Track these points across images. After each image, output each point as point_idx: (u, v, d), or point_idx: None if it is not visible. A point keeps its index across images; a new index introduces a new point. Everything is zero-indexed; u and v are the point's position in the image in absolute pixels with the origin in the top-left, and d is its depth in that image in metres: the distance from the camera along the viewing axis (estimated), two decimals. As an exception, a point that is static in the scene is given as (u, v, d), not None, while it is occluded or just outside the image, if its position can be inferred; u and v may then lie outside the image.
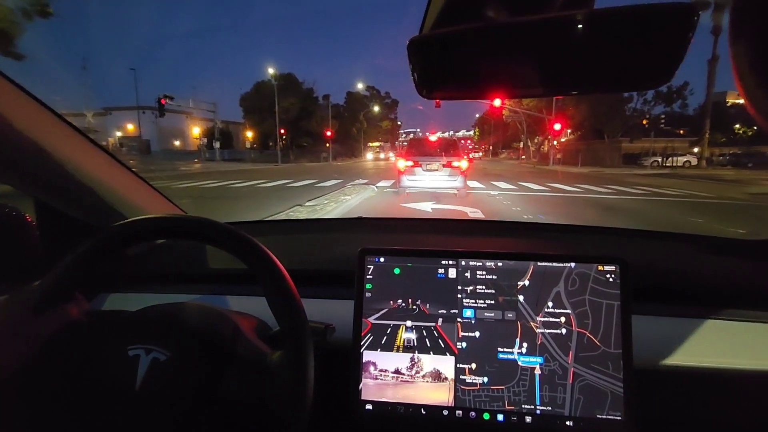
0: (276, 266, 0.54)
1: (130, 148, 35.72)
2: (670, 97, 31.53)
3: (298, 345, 0.52)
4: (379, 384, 0.68)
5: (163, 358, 0.52)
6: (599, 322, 0.64)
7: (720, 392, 0.70)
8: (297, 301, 0.54)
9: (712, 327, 0.72)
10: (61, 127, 0.66)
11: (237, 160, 33.64)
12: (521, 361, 0.66)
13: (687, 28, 0.36)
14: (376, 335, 0.69)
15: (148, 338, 0.54)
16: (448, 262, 0.70)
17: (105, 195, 0.75)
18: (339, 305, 0.77)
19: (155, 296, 0.85)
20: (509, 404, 0.65)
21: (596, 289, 0.65)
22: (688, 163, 25.74)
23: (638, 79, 0.43)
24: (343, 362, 0.69)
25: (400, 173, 8.26)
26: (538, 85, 0.48)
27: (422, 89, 0.48)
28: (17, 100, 0.59)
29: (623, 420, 0.62)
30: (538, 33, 0.41)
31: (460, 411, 0.66)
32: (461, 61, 0.46)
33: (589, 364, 0.64)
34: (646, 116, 32.68)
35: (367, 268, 0.71)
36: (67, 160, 0.66)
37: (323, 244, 1.06)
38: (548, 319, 0.66)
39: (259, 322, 0.66)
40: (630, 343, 0.63)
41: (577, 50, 0.41)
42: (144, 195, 0.83)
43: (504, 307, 0.67)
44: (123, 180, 0.78)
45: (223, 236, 0.55)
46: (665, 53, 0.38)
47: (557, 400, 0.64)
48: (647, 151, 26.91)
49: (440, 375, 0.67)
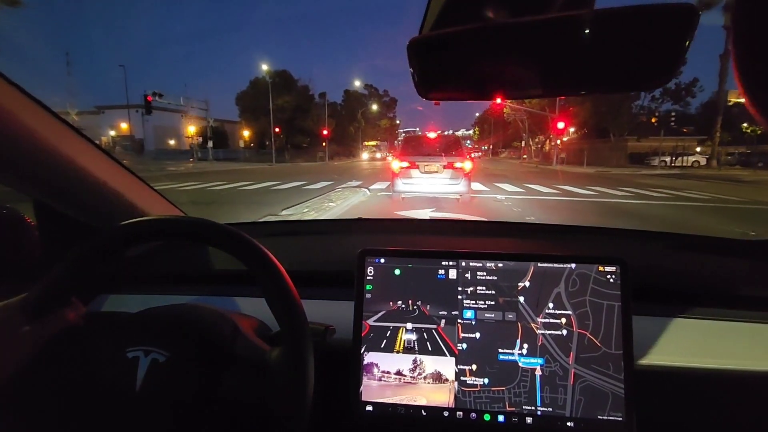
0: (276, 267, 0.54)
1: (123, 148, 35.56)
2: (678, 94, 30.92)
3: (297, 346, 0.52)
4: (379, 385, 0.68)
5: (162, 359, 0.52)
6: (600, 322, 0.65)
7: (721, 393, 0.71)
8: (297, 302, 0.54)
9: (713, 328, 0.73)
10: (60, 127, 0.66)
11: (231, 160, 33.40)
12: (522, 362, 0.66)
13: (687, 29, 0.36)
14: (377, 336, 0.70)
15: (146, 340, 0.54)
16: (449, 263, 0.70)
17: (104, 196, 0.75)
18: (339, 306, 0.77)
19: (154, 297, 0.85)
20: (510, 405, 0.65)
21: (597, 289, 0.66)
22: (696, 163, 25.23)
23: (638, 79, 0.43)
24: (343, 363, 0.69)
25: (395, 175, 7.19)
26: (538, 86, 0.49)
27: (422, 90, 0.49)
28: (16, 101, 0.59)
29: (624, 421, 0.62)
30: (538, 33, 0.42)
31: (461, 412, 0.66)
32: (461, 61, 0.47)
33: (590, 365, 0.64)
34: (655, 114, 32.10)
35: (367, 269, 0.72)
36: (66, 161, 0.66)
37: (323, 245, 1.06)
38: (549, 320, 0.66)
39: (259, 323, 0.66)
40: (631, 343, 0.64)
41: (577, 51, 0.41)
42: (143, 196, 0.83)
43: (504, 308, 0.68)
44: (122, 181, 0.78)
45: (223, 237, 0.55)
46: (666, 53, 0.39)
47: (558, 401, 0.64)
48: (655, 151, 26.26)
49: (441, 376, 0.67)
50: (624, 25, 0.39)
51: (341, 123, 45.16)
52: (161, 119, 38.79)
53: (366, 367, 0.69)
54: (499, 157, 52.51)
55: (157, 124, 38.95)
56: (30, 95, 0.60)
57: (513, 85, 0.49)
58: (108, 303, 0.86)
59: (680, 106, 32.31)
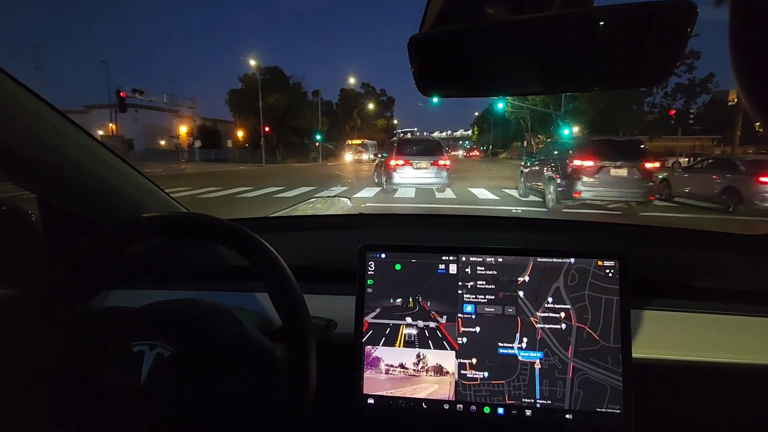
0: (278, 262, 0.57)
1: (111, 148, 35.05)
2: (692, 90, 29.76)
3: (300, 340, 0.55)
4: (380, 379, 0.72)
5: (167, 354, 0.55)
6: (598, 317, 0.68)
7: (718, 386, 0.74)
8: (299, 297, 0.57)
9: (711, 321, 0.76)
10: (63, 124, 0.68)
11: (221, 161, 32.82)
12: (521, 355, 0.69)
13: (686, 26, 0.38)
14: (377, 331, 0.73)
15: (151, 334, 0.57)
16: (449, 257, 0.74)
17: (107, 192, 0.78)
18: (340, 301, 0.81)
19: (157, 293, 0.87)
20: (509, 398, 0.69)
21: (595, 284, 0.69)
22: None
23: (637, 76, 0.45)
24: (345, 357, 0.72)
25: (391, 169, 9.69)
26: (538, 83, 0.52)
27: (422, 87, 0.51)
28: (19, 97, 0.61)
29: (622, 413, 0.65)
30: (538, 31, 0.44)
31: (461, 405, 0.69)
32: (461, 59, 0.49)
33: (589, 359, 0.67)
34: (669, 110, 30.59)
35: (368, 264, 0.75)
36: (69, 158, 0.69)
37: (324, 240, 1.10)
38: (548, 314, 0.70)
39: (261, 318, 0.69)
40: (629, 337, 0.67)
41: (576, 48, 0.43)
42: (144, 191, 0.86)
43: (504, 302, 0.71)
44: (125, 177, 0.81)
45: (226, 233, 0.58)
46: (664, 50, 0.41)
47: (557, 394, 0.68)
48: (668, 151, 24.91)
49: (441, 370, 0.71)
50: (623, 23, 0.40)
51: (336, 122, 44.66)
52: (152, 118, 38.27)
53: (367, 361, 0.72)
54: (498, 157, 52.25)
55: (148, 124, 38.44)
56: (32, 91, 0.63)
57: (512, 82, 0.51)
58: (110, 299, 0.89)
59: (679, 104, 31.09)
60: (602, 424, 0.66)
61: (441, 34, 0.48)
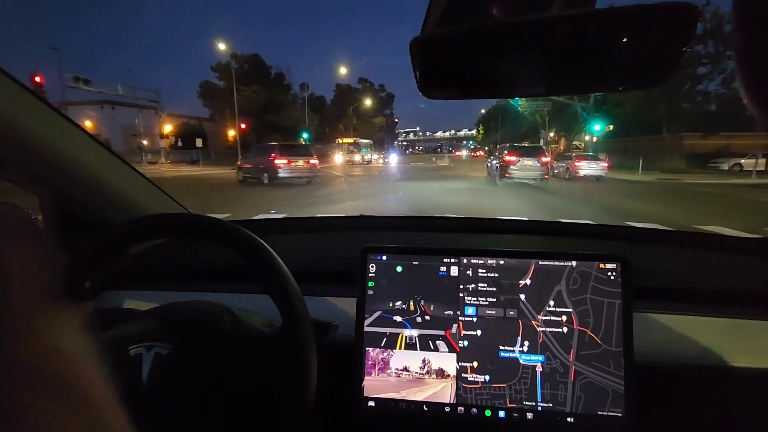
0: (278, 264, 0.58)
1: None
2: None
3: (300, 342, 0.56)
4: (381, 382, 0.72)
5: (165, 352, 0.56)
6: (600, 320, 0.69)
7: (721, 390, 0.75)
8: (299, 299, 0.58)
9: (713, 325, 0.77)
10: (64, 124, 0.69)
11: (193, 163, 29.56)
12: (522, 359, 0.70)
13: (688, 27, 0.38)
14: (378, 333, 0.74)
15: (147, 336, 0.58)
16: (450, 260, 0.74)
17: (108, 193, 0.79)
18: (341, 303, 0.82)
19: (157, 294, 0.88)
20: (511, 402, 0.69)
21: (597, 287, 0.70)
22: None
23: (641, 77, 0.45)
24: (346, 360, 0.73)
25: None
26: (539, 85, 0.52)
27: (424, 89, 0.52)
28: (20, 98, 0.62)
29: (624, 417, 0.66)
30: (540, 32, 0.44)
31: (462, 408, 0.70)
32: (462, 60, 0.49)
33: (591, 362, 0.68)
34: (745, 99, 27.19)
35: (369, 266, 0.76)
36: (71, 158, 0.70)
37: (325, 242, 1.11)
38: (549, 318, 0.70)
39: (262, 319, 0.69)
40: (631, 341, 0.68)
41: (578, 49, 0.44)
42: (144, 191, 0.87)
43: (505, 305, 0.72)
44: (126, 178, 0.82)
45: (227, 234, 0.59)
46: (667, 52, 0.41)
47: (558, 398, 0.68)
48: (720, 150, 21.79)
49: (442, 373, 0.72)
50: (625, 24, 0.41)
51: (328, 119, 42.09)
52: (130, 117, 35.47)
53: (368, 364, 0.73)
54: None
55: (125, 123, 35.79)
56: (32, 91, 0.63)
57: (515, 83, 0.52)
58: (108, 300, 0.89)
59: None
60: (604, 428, 0.67)
61: (443, 35, 0.48)
